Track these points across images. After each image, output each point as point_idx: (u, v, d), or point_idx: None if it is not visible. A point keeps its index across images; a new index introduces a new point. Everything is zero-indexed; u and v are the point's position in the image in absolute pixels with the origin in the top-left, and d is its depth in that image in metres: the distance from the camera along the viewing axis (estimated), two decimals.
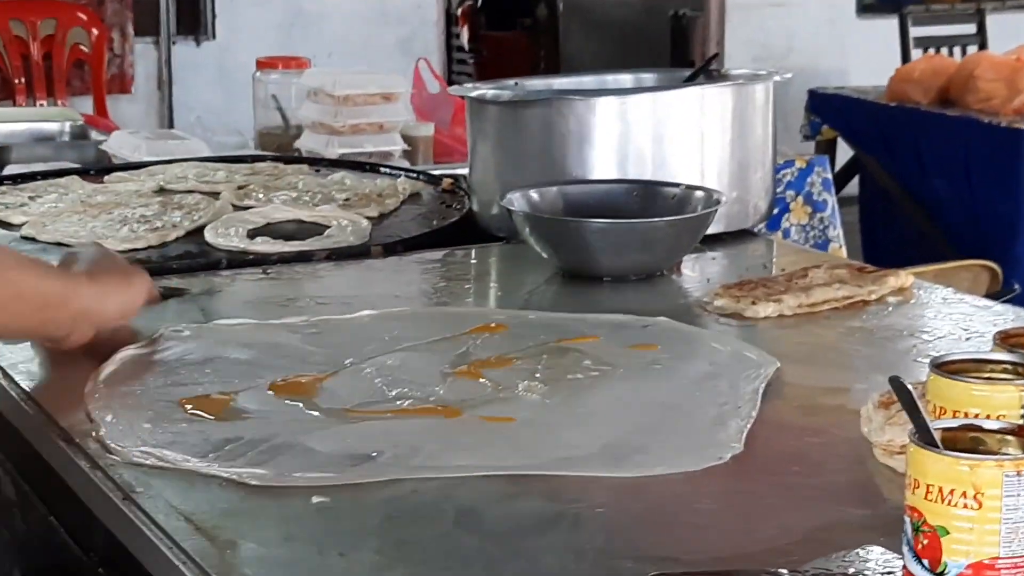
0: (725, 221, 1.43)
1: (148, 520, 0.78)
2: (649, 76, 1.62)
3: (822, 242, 2.87)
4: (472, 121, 1.51)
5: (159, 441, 0.88)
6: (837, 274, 1.24)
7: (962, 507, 0.63)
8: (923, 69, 3.50)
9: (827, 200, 2.91)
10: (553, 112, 1.41)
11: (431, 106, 2.23)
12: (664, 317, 1.15)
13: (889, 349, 1.11)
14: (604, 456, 0.86)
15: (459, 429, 0.91)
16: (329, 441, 0.88)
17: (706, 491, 0.82)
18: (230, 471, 0.83)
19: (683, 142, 1.42)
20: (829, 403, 0.96)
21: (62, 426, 0.92)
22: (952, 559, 0.63)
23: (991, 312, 1.19)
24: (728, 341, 1.10)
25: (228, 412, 0.93)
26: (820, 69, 4.78)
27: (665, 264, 1.32)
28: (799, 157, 2.97)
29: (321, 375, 1.00)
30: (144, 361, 1.02)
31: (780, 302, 1.17)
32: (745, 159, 1.46)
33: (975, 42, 4.26)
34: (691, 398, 0.97)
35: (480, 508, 0.81)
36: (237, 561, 0.73)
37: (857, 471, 0.85)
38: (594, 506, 0.80)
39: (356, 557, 0.73)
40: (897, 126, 3.49)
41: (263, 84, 2.18)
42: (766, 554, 0.73)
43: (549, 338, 1.09)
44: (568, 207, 1.36)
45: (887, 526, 0.72)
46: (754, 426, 0.91)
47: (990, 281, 2.10)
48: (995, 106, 3.27)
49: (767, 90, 1.48)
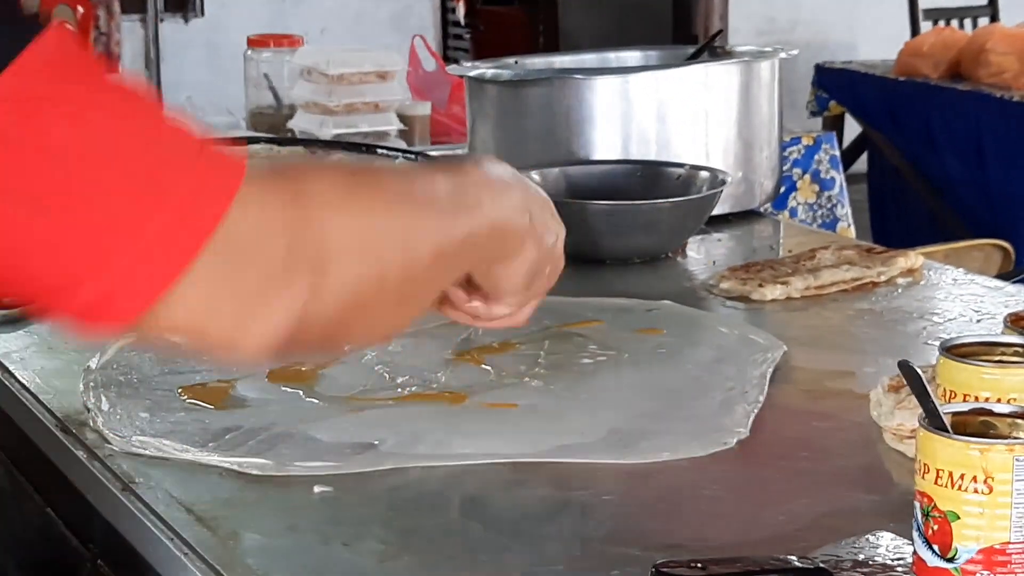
0: (731, 202, 1.41)
1: (148, 511, 0.77)
2: (652, 53, 1.61)
3: (830, 221, 2.85)
4: (471, 101, 1.50)
5: (158, 430, 0.87)
6: (845, 255, 1.23)
7: (972, 492, 0.62)
8: (933, 42, 3.46)
9: (835, 178, 2.89)
10: (554, 91, 1.39)
11: (427, 84, 2.20)
12: (669, 301, 1.13)
13: (899, 332, 1.09)
14: (610, 442, 0.86)
15: (462, 416, 0.90)
16: (331, 429, 0.87)
17: (713, 477, 0.81)
18: (230, 460, 0.83)
19: (687, 121, 1.40)
20: (837, 387, 0.95)
21: (58, 416, 0.91)
22: (963, 544, 0.62)
23: (1003, 293, 1.18)
24: (734, 324, 1.08)
25: (227, 401, 0.92)
26: (827, 43, 4.74)
27: (670, 246, 1.31)
28: (806, 134, 2.94)
29: (321, 362, 0.99)
30: (141, 349, 1.02)
31: (787, 284, 1.16)
32: (750, 138, 1.45)
33: (986, 14, 4.21)
34: (697, 383, 0.95)
35: (485, 496, 0.80)
36: (240, 552, 0.72)
37: (866, 456, 0.84)
38: (600, 493, 0.79)
39: (360, 547, 0.73)
40: (906, 101, 3.45)
41: (255, 63, 2.14)
42: (774, 541, 0.72)
43: (552, 323, 1.07)
44: (570, 188, 1.34)
45: (897, 512, 0.71)
46: (761, 411, 0.90)
47: (1002, 260, 2.08)
48: (1007, 80, 3.23)
49: (773, 67, 1.46)
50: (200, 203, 0.54)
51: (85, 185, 0.52)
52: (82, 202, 0.52)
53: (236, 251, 0.55)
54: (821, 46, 4.57)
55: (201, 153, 0.54)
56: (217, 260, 0.54)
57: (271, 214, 0.56)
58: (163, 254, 0.53)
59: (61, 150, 0.51)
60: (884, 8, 4.72)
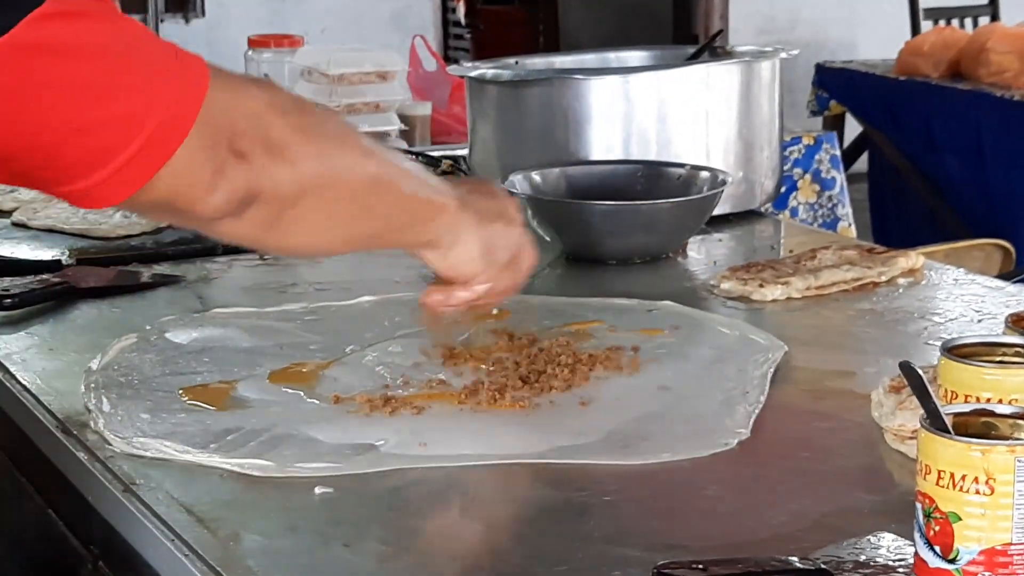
0: (731, 202, 1.41)
1: (149, 512, 0.77)
2: (652, 53, 1.60)
3: (831, 221, 2.85)
4: (472, 101, 1.50)
5: (158, 432, 0.87)
6: (846, 255, 1.22)
7: (974, 493, 0.62)
8: (933, 42, 3.45)
9: (835, 178, 2.89)
10: (554, 92, 1.39)
11: (428, 84, 2.20)
12: (670, 301, 1.13)
13: (899, 332, 1.09)
14: (610, 443, 0.85)
15: (463, 417, 0.90)
16: (331, 430, 0.87)
17: (714, 478, 0.81)
18: (231, 462, 0.82)
19: (688, 121, 1.40)
20: (838, 387, 0.95)
21: (59, 417, 0.91)
22: (964, 545, 0.62)
23: (1004, 293, 1.18)
24: (735, 325, 1.08)
25: (228, 402, 0.92)
26: (827, 42, 4.74)
27: (670, 246, 1.31)
28: (806, 134, 2.94)
29: (322, 363, 0.99)
30: (142, 350, 1.02)
31: (788, 284, 1.16)
32: (751, 138, 1.45)
33: (987, 13, 4.20)
34: (698, 383, 0.95)
35: (485, 496, 0.80)
36: (240, 553, 0.72)
37: (867, 456, 0.84)
38: (601, 494, 0.79)
39: (361, 548, 0.73)
40: (907, 101, 3.45)
41: (255, 63, 2.14)
42: (775, 541, 0.72)
43: (553, 323, 1.07)
44: (571, 189, 1.34)
45: (899, 512, 0.71)
46: (762, 411, 0.90)
47: (1003, 260, 2.08)
48: (1007, 79, 3.23)
49: (773, 67, 1.46)
50: (182, 100, 0.66)
51: (97, 80, 0.64)
52: (92, 97, 0.64)
53: (207, 137, 0.67)
54: (821, 45, 4.57)
55: (177, 57, 0.68)
56: (192, 146, 0.67)
57: (235, 106, 0.69)
58: (151, 146, 0.65)
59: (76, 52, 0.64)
60: (884, 7, 4.72)
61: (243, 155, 0.69)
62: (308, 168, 0.73)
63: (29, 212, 1.46)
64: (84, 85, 0.64)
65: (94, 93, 0.64)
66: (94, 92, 0.64)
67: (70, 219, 1.43)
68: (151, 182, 0.66)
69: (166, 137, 0.66)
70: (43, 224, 1.43)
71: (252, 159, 0.70)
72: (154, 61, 0.66)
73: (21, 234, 1.41)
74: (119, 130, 0.65)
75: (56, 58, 0.63)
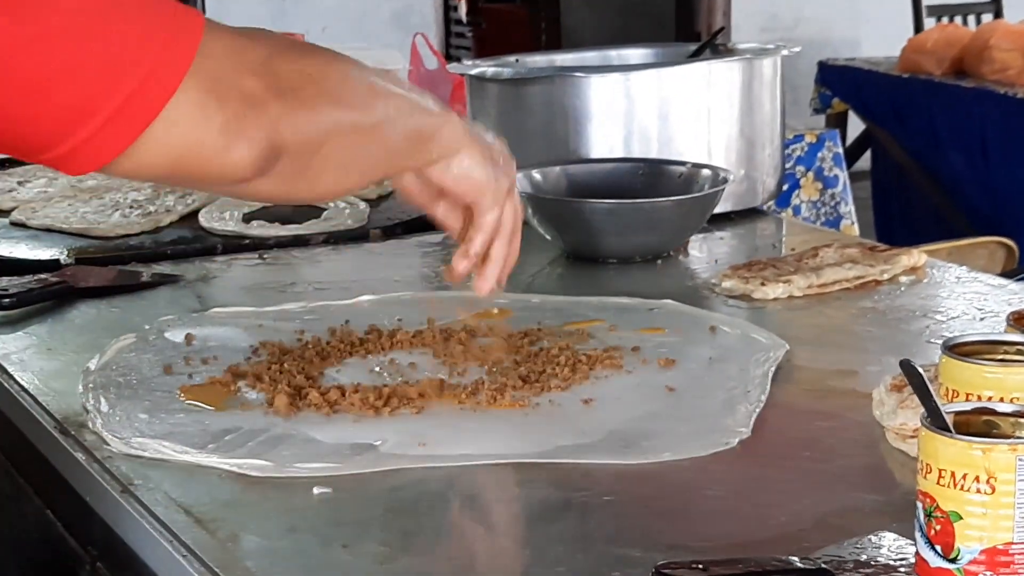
0: (733, 200, 1.41)
1: (147, 513, 0.77)
2: (654, 51, 1.60)
3: (833, 219, 2.85)
4: (472, 99, 1.49)
5: (157, 432, 0.86)
6: (848, 254, 1.22)
7: (975, 492, 0.61)
8: (936, 39, 3.45)
9: (838, 176, 2.89)
10: (555, 89, 1.39)
11: (429, 83, 2.20)
12: (671, 299, 1.13)
13: (901, 330, 1.09)
14: (611, 443, 0.85)
15: (463, 417, 0.90)
16: (330, 430, 0.87)
17: (715, 477, 0.81)
18: (230, 462, 0.82)
19: (689, 119, 1.40)
20: (840, 386, 0.95)
21: (57, 417, 0.91)
22: (965, 545, 0.62)
23: (1006, 291, 1.17)
24: (736, 323, 1.08)
25: (227, 402, 0.92)
26: (830, 40, 4.73)
27: (672, 245, 1.30)
28: (809, 131, 2.94)
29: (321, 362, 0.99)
30: (140, 350, 1.01)
31: (790, 283, 1.15)
32: (753, 136, 1.44)
33: (990, 10, 4.20)
34: (699, 382, 0.95)
35: (485, 496, 0.80)
36: (239, 554, 0.72)
37: (869, 455, 0.84)
38: (601, 494, 0.78)
39: (360, 548, 0.72)
40: (910, 98, 3.44)
41: None
42: (776, 541, 0.72)
43: (554, 322, 1.07)
44: (572, 187, 1.34)
45: (900, 511, 0.71)
46: (763, 410, 0.89)
47: (1006, 258, 2.07)
48: (1011, 77, 3.22)
49: (775, 65, 1.46)
50: (173, 46, 0.62)
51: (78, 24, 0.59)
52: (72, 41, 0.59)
53: (207, 86, 0.63)
54: (824, 43, 4.56)
55: (169, 4, 0.63)
56: (189, 97, 0.62)
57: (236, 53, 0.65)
58: (140, 96, 0.60)
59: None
60: (887, 5, 4.71)
61: (256, 105, 0.64)
62: (326, 111, 0.69)
63: (28, 211, 1.46)
64: (62, 29, 0.58)
65: (74, 37, 0.59)
66: (74, 36, 0.59)
67: (69, 219, 1.43)
68: (147, 139, 0.60)
69: (157, 86, 0.60)
70: (42, 223, 1.42)
71: (267, 109, 0.65)
72: (144, 6, 0.62)
73: (20, 233, 1.41)
74: (103, 77, 0.59)
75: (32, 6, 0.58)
